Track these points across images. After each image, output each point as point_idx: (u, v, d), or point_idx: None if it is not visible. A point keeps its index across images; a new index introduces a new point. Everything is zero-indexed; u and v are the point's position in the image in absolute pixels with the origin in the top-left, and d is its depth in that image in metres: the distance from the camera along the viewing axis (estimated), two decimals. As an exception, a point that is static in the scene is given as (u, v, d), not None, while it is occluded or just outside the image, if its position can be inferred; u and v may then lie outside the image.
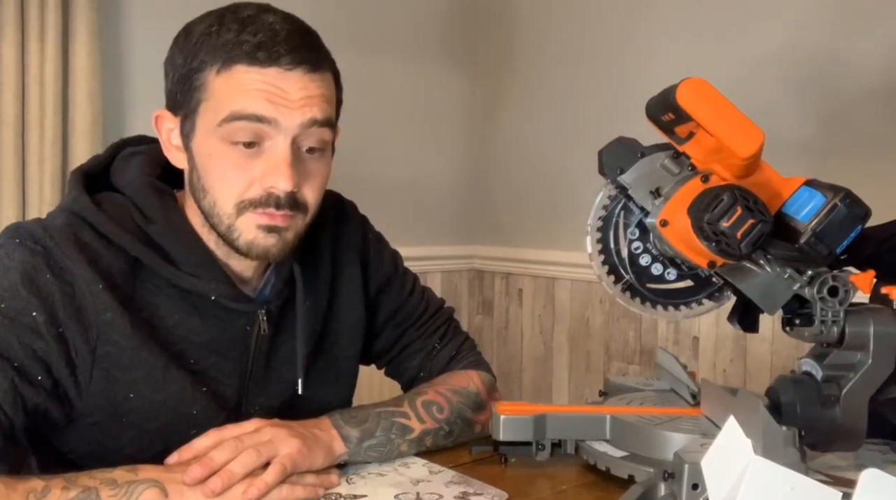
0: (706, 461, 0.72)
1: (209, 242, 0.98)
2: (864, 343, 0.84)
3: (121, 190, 0.98)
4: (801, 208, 0.87)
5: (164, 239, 0.95)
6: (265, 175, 0.90)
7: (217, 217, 0.93)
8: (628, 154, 0.92)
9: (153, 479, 0.81)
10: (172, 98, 0.94)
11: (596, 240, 0.96)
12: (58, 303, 0.88)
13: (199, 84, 0.90)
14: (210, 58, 0.89)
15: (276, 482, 0.85)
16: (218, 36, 0.90)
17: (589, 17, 2.40)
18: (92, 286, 0.90)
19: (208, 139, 0.91)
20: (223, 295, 0.96)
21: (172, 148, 0.96)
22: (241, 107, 0.88)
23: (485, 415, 1.10)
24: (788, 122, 1.90)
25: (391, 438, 0.98)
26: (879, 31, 1.77)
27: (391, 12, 2.54)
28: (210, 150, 0.91)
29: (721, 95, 0.85)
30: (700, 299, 1.00)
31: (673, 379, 1.12)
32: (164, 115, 0.96)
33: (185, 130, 0.94)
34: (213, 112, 0.90)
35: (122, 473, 0.81)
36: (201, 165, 0.93)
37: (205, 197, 0.93)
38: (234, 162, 0.90)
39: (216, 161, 0.91)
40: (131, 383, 0.92)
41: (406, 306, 1.20)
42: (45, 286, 0.88)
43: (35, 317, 0.87)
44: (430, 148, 2.69)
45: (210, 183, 0.92)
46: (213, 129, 0.90)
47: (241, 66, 0.88)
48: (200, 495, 0.81)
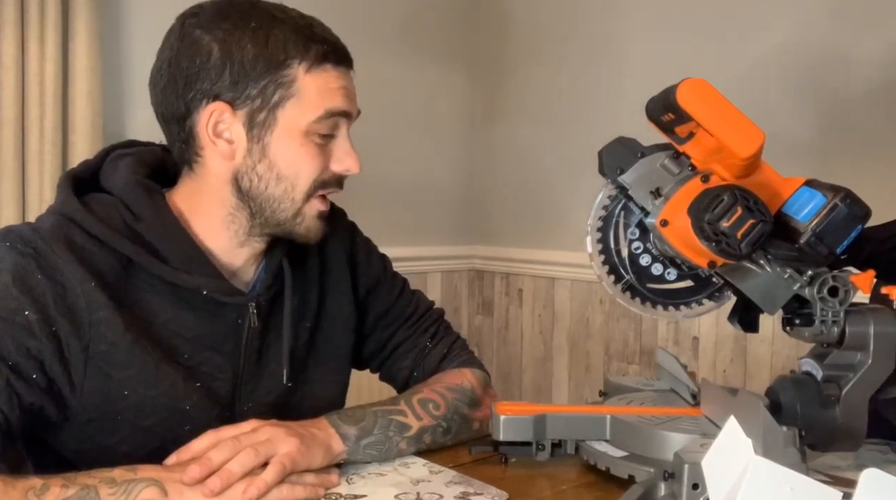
0: (706, 461, 0.72)
1: (216, 236, 1.00)
2: (864, 343, 0.84)
3: (109, 191, 0.99)
4: (802, 208, 0.87)
5: (154, 236, 0.96)
6: (339, 160, 0.99)
7: (289, 201, 0.98)
8: (628, 154, 0.92)
9: (152, 478, 0.81)
10: (231, 90, 0.93)
11: (596, 240, 0.96)
12: (50, 302, 0.88)
13: (286, 80, 0.94)
14: (297, 54, 0.94)
15: (275, 481, 0.85)
16: (295, 32, 0.94)
17: (588, 18, 2.40)
18: (84, 285, 0.90)
19: (296, 132, 0.96)
20: (214, 289, 0.98)
21: (216, 139, 0.96)
22: (334, 105, 0.96)
23: (481, 412, 1.10)
24: (788, 122, 1.90)
25: (389, 436, 0.99)
26: (879, 31, 1.77)
27: (390, 13, 2.54)
28: (300, 140, 0.96)
29: (721, 95, 0.85)
30: (700, 299, 1.00)
31: (673, 379, 1.13)
32: (219, 107, 0.94)
33: (257, 122, 0.95)
34: (305, 108, 0.95)
35: (122, 472, 0.81)
36: (280, 156, 0.96)
37: (278, 184, 0.97)
38: (316, 150, 0.97)
39: (304, 150, 0.97)
40: (125, 381, 0.92)
41: (396, 307, 1.21)
42: (37, 286, 0.88)
43: (28, 316, 0.87)
44: (430, 148, 2.69)
45: (293, 170, 0.97)
46: (306, 124, 0.95)
47: (329, 65, 0.96)
48: (199, 494, 0.81)
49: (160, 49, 0.98)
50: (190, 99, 0.94)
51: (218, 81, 0.93)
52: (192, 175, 1.00)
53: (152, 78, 0.99)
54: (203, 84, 0.93)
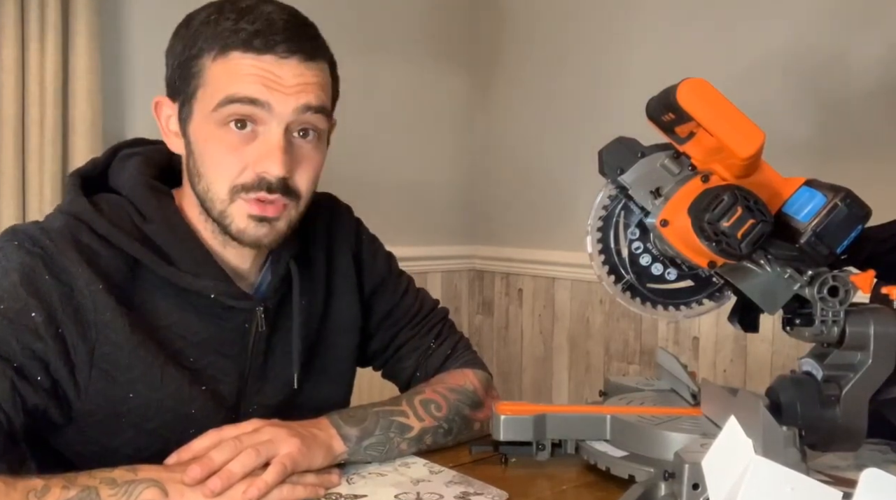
0: (706, 461, 0.72)
1: (206, 234, 0.99)
2: (864, 343, 0.84)
3: (118, 191, 0.99)
4: (802, 208, 0.87)
5: (162, 238, 0.96)
6: (258, 160, 0.92)
7: (210, 202, 0.95)
8: (628, 154, 0.92)
9: (153, 479, 0.81)
10: (171, 85, 0.97)
11: (596, 240, 0.96)
12: (56, 303, 0.88)
13: (196, 70, 0.93)
14: (208, 45, 0.92)
15: (276, 481, 0.85)
16: (216, 24, 0.92)
17: (588, 17, 2.40)
18: (91, 286, 0.90)
19: (205, 124, 0.93)
20: (221, 293, 0.97)
21: (171, 134, 0.98)
22: (236, 90, 0.90)
23: (483, 413, 1.10)
24: (788, 122, 1.90)
25: (390, 437, 0.98)
26: (879, 31, 1.77)
27: (389, 12, 2.54)
28: (206, 134, 0.93)
29: (721, 95, 0.85)
30: (700, 299, 1.00)
31: (673, 379, 1.13)
32: (164, 101, 0.98)
33: (183, 115, 0.96)
34: (209, 97, 0.92)
35: (122, 472, 0.81)
36: (197, 150, 0.95)
37: (199, 181, 0.95)
38: (229, 146, 0.92)
39: (211, 145, 0.93)
40: (130, 383, 0.92)
41: (400, 307, 1.20)
42: (44, 287, 0.88)
43: (34, 318, 0.87)
44: (429, 148, 2.69)
45: (205, 167, 0.94)
46: (209, 113, 0.92)
47: (237, 53, 0.90)
48: (200, 495, 0.81)
49: None
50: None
51: (167, 75, 0.97)
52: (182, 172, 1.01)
53: None
54: (165, 78, 0.98)
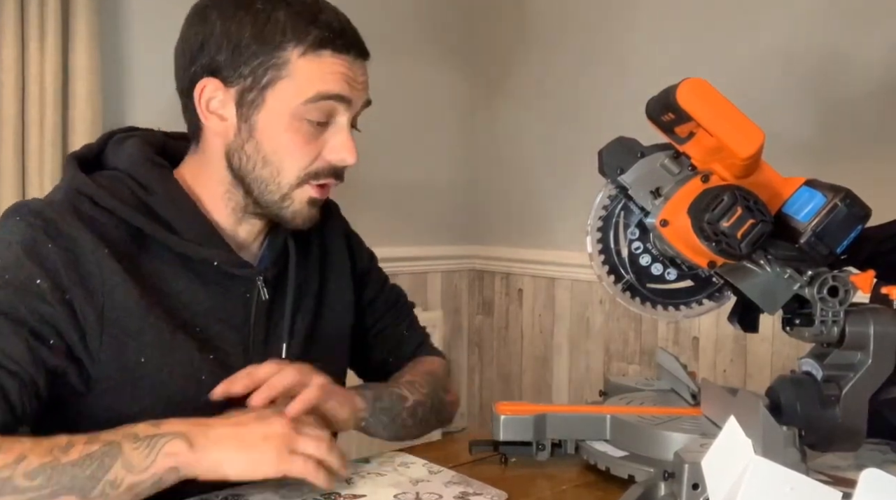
0: (706, 461, 0.72)
1: (217, 209, 1.01)
2: (864, 343, 0.84)
3: (115, 168, 1.00)
4: (802, 208, 0.87)
5: (165, 209, 0.97)
6: (333, 150, 0.98)
7: (274, 185, 0.98)
8: (628, 154, 0.92)
9: (178, 431, 0.81)
10: (224, 67, 0.95)
11: (596, 240, 0.96)
12: (61, 270, 0.89)
13: (277, 62, 0.94)
14: (294, 38, 0.94)
15: (317, 398, 0.90)
16: (298, 17, 0.94)
17: (588, 17, 2.40)
18: (96, 252, 0.91)
19: (283, 114, 0.95)
20: (224, 261, 0.99)
21: (210, 114, 0.98)
22: (327, 88, 0.95)
23: (451, 395, 1.20)
24: (788, 122, 1.90)
25: (394, 403, 1.04)
26: (879, 31, 1.77)
27: (390, 12, 2.54)
28: (284, 124, 0.96)
29: (721, 95, 0.85)
30: (700, 299, 1.00)
31: (673, 379, 1.13)
32: (210, 82, 0.96)
33: (247, 101, 0.96)
34: (296, 90, 0.95)
35: (145, 427, 0.81)
36: (266, 137, 0.96)
37: (264, 166, 0.97)
38: (306, 136, 0.97)
39: (289, 135, 0.96)
40: (142, 348, 0.92)
41: (382, 294, 1.25)
42: (48, 255, 0.89)
43: (40, 284, 0.87)
44: (429, 148, 2.69)
45: (277, 154, 0.97)
46: (294, 106, 0.95)
47: (328, 52, 0.95)
48: (228, 445, 0.82)
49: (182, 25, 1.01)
50: (192, 73, 0.97)
51: (216, 58, 0.95)
52: (197, 150, 1.02)
53: (174, 52, 1.01)
54: (204, 59, 0.96)
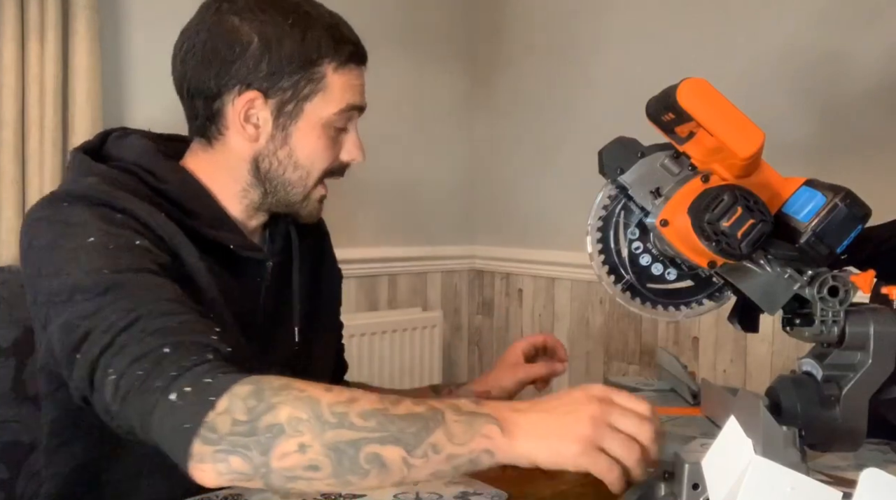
0: (706, 460, 0.72)
1: (230, 204, 1.05)
2: (864, 343, 0.84)
3: (122, 159, 1.00)
4: (802, 208, 0.87)
5: (181, 195, 1.00)
6: (348, 151, 1.06)
7: (302, 186, 1.05)
8: (628, 154, 0.92)
9: (493, 415, 0.76)
10: (266, 80, 0.99)
11: (596, 240, 0.96)
12: (143, 231, 0.91)
13: (315, 76, 1.01)
14: (328, 54, 1.01)
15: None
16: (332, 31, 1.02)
17: (589, 16, 2.40)
18: (154, 216, 0.93)
19: (317, 123, 1.02)
20: (238, 245, 1.02)
21: (245, 124, 1.01)
22: (354, 100, 1.04)
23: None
24: (788, 122, 1.90)
25: None
26: (879, 31, 1.77)
27: (389, 12, 2.54)
28: (318, 132, 1.03)
29: (721, 95, 0.85)
30: (700, 299, 1.00)
31: (673, 379, 1.13)
32: (252, 94, 1.00)
33: (285, 112, 1.01)
34: (329, 102, 1.02)
35: (467, 403, 0.78)
36: (300, 145, 1.02)
37: (294, 170, 1.03)
38: (331, 141, 1.04)
39: (322, 141, 1.03)
40: (208, 304, 0.94)
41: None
42: (125, 222, 0.91)
43: (139, 244, 0.89)
44: (429, 148, 2.69)
45: (309, 159, 1.03)
46: (327, 116, 1.02)
47: (353, 65, 1.04)
48: (535, 434, 0.76)
49: (191, 27, 1.02)
50: (224, 82, 1.00)
51: (255, 71, 0.99)
52: (210, 149, 1.04)
53: (180, 54, 1.02)
54: (239, 71, 0.99)
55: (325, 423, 0.72)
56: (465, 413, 0.76)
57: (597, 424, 0.75)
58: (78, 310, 0.84)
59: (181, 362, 0.77)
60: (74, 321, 0.83)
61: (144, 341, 0.79)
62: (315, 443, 0.72)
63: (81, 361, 0.82)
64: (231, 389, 0.74)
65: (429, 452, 0.73)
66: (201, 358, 0.78)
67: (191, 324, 0.83)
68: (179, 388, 0.75)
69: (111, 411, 0.80)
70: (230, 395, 0.74)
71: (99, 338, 0.81)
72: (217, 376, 0.76)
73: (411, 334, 2.49)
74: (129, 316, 0.81)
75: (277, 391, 0.74)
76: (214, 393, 0.74)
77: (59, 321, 0.85)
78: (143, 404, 0.76)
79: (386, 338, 2.41)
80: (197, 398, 0.74)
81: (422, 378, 2.50)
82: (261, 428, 0.72)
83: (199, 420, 0.73)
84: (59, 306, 0.86)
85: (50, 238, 0.89)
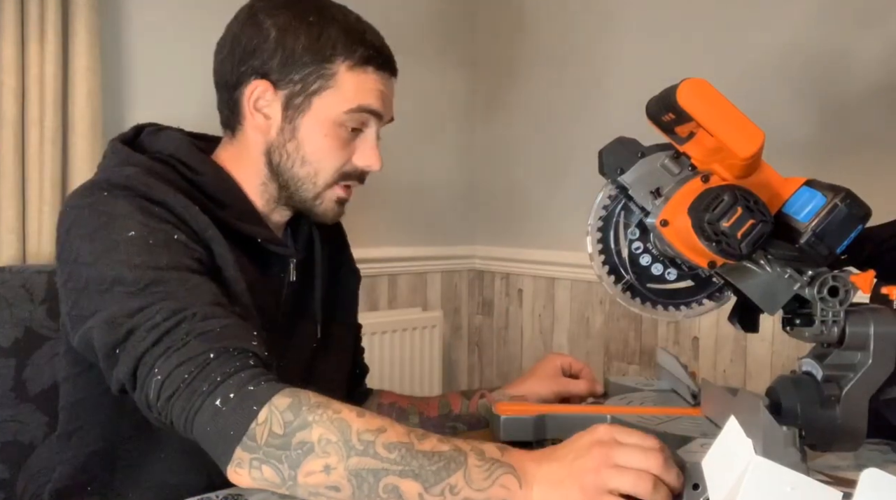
0: (706, 460, 0.72)
1: (256, 197, 1.07)
2: (864, 343, 0.84)
3: (160, 152, 1.03)
4: (802, 208, 0.87)
5: (215, 188, 1.02)
6: (362, 156, 1.07)
7: (311, 184, 1.05)
8: (628, 154, 0.92)
9: (514, 466, 0.77)
10: (278, 72, 1.02)
11: (596, 240, 0.96)
12: (180, 225, 0.94)
13: (327, 72, 1.02)
14: (344, 52, 1.02)
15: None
16: (349, 32, 1.03)
17: (589, 17, 2.40)
18: (189, 209, 0.95)
19: (325, 120, 1.03)
20: (266, 239, 1.05)
21: (255, 112, 1.04)
22: (367, 102, 1.04)
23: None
24: (788, 122, 1.90)
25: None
26: (879, 30, 1.77)
27: (389, 13, 2.54)
28: (326, 129, 1.04)
29: (721, 95, 0.85)
30: (700, 299, 1.00)
31: (673, 379, 1.13)
32: (263, 84, 1.03)
33: (293, 105, 1.03)
34: (340, 100, 1.03)
35: (492, 448, 0.79)
36: (307, 139, 1.04)
37: (302, 166, 1.05)
38: (342, 142, 1.05)
39: (329, 139, 1.04)
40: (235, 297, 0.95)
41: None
42: (161, 215, 0.93)
43: (177, 239, 0.92)
44: (430, 148, 2.69)
45: (316, 156, 1.04)
46: (337, 113, 1.03)
47: (371, 68, 1.04)
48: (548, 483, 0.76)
49: (229, 24, 1.07)
50: (242, 72, 1.03)
51: (269, 62, 1.02)
52: (234, 141, 1.08)
53: (217, 47, 1.07)
54: (255, 62, 1.02)
55: (351, 448, 0.76)
56: (488, 460, 0.77)
57: (600, 468, 0.75)
58: (121, 306, 0.86)
59: (225, 367, 0.81)
60: (118, 319, 0.86)
61: (190, 344, 0.83)
62: (339, 466, 0.76)
63: (125, 357, 0.85)
64: (272, 400, 0.78)
65: (446, 492, 0.76)
66: (244, 364, 0.82)
67: (233, 329, 0.86)
68: (224, 393, 0.79)
69: (154, 407, 0.83)
70: (270, 406, 0.78)
71: (143, 337, 0.84)
72: (260, 384, 0.80)
73: (411, 334, 2.49)
74: (174, 318, 0.84)
75: (313, 409, 0.78)
76: (257, 403, 0.78)
77: (102, 316, 0.87)
78: (187, 405, 0.80)
79: (386, 338, 2.41)
80: (240, 406, 0.79)
81: (422, 378, 2.50)
82: (293, 444, 0.77)
83: (243, 429, 0.77)
84: (95, 295, 0.89)
85: (90, 227, 0.91)
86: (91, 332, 0.88)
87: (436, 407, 1.25)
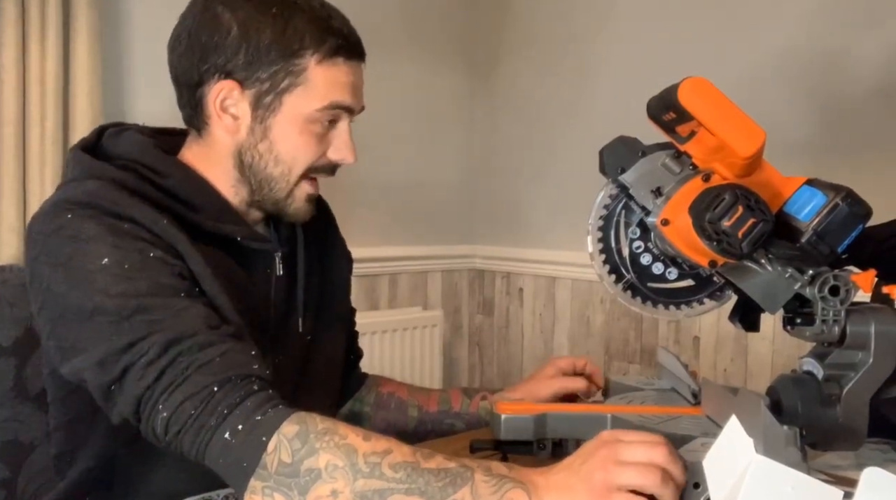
0: (707, 460, 0.72)
1: (229, 196, 1.02)
2: (865, 342, 0.84)
3: (121, 156, 0.99)
4: (803, 208, 0.87)
5: (184, 190, 0.98)
6: (336, 150, 1.02)
7: (284, 183, 1.01)
8: (629, 153, 0.92)
9: (523, 481, 0.78)
10: (244, 71, 0.97)
11: (597, 239, 0.96)
12: (153, 240, 0.90)
13: (295, 69, 0.97)
14: (311, 44, 0.97)
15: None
16: (314, 22, 0.97)
17: (590, 17, 2.40)
18: (158, 223, 0.91)
19: (297, 118, 0.98)
20: (245, 236, 1.01)
21: (222, 114, 0.99)
22: (339, 99, 0.99)
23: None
24: (789, 121, 1.90)
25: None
26: (879, 30, 1.77)
27: (389, 12, 2.54)
28: (299, 127, 0.99)
29: (722, 94, 0.85)
30: (701, 298, 1.00)
31: (674, 378, 1.13)
32: (229, 84, 0.97)
33: (263, 104, 0.98)
34: (311, 97, 0.98)
35: (498, 465, 0.80)
36: (280, 138, 0.99)
37: (276, 165, 1.00)
38: (315, 137, 1.00)
39: (303, 137, 0.99)
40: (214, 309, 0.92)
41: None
42: (132, 232, 0.89)
43: (153, 256, 0.88)
44: (430, 148, 2.69)
45: (289, 154, 1.00)
46: (309, 111, 0.98)
47: (341, 59, 0.99)
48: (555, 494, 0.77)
49: (182, 15, 1.00)
50: (204, 70, 0.97)
51: (232, 59, 0.96)
52: (201, 141, 1.03)
53: (171, 42, 1.01)
54: (218, 59, 0.97)
55: (358, 471, 0.77)
56: (496, 476, 0.78)
57: (605, 467, 0.75)
58: (109, 344, 0.84)
59: (230, 398, 0.81)
60: (109, 358, 0.84)
61: (191, 379, 0.82)
62: (346, 489, 0.77)
63: (125, 396, 0.84)
64: (280, 428, 0.79)
65: None
66: (248, 391, 0.82)
67: (232, 354, 0.85)
68: (233, 426, 0.80)
69: (161, 439, 0.84)
70: (279, 435, 0.79)
71: (141, 374, 0.83)
72: (267, 412, 0.81)
73: (412, 334, 2.49)
74: (170, 352, 0.83)
75: (320, 436, 0.79)
76: (265, 433, 0.79)
77: (92, 357, 0.85)
78: (197, 439, 0.81)
79: (386, 337, 2.41)
80: (249, 437, 0.79)
81: (422, 378, 2.50)
82: (302, 471, 0.78)
83: (255, 461, 0.79)
84: (74, 324, 0.86)
85: (60, 256, 0.88)
86: (83, 373, 0.86)
87: (436, 402, 1.25)
